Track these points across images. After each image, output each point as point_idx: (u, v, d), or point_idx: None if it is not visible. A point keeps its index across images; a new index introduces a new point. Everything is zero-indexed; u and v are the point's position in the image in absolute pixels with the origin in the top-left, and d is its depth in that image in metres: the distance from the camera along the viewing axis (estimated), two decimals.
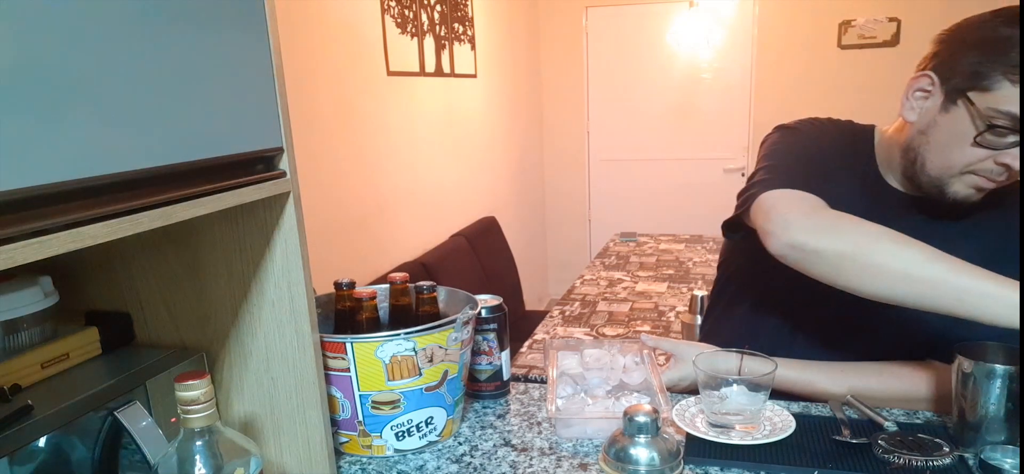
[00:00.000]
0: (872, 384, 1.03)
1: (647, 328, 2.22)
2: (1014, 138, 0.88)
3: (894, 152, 1.04)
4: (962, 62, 0.91)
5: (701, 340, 1.20)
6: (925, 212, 1.03)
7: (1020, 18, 0.86)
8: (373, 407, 0.93)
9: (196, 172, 0.62)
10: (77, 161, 0.50)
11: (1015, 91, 0.86)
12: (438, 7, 3.15)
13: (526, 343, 2.16)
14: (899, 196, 1.05)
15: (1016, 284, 0.79)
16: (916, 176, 1.00)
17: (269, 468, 0.89)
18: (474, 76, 3.60)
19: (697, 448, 0.92)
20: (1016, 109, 0.87)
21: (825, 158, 1.07)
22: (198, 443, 0.63)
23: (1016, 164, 0.89)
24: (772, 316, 1.15)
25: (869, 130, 1.11)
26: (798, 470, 0.86)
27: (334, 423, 0.94)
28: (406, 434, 0.95)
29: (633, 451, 0.78)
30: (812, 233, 0.89)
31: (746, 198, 1.03)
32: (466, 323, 0.97)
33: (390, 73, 2.77)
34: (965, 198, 0.96)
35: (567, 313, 2.39)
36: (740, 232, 1.12)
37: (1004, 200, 1.01)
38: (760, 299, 1.17)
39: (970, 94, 0.90)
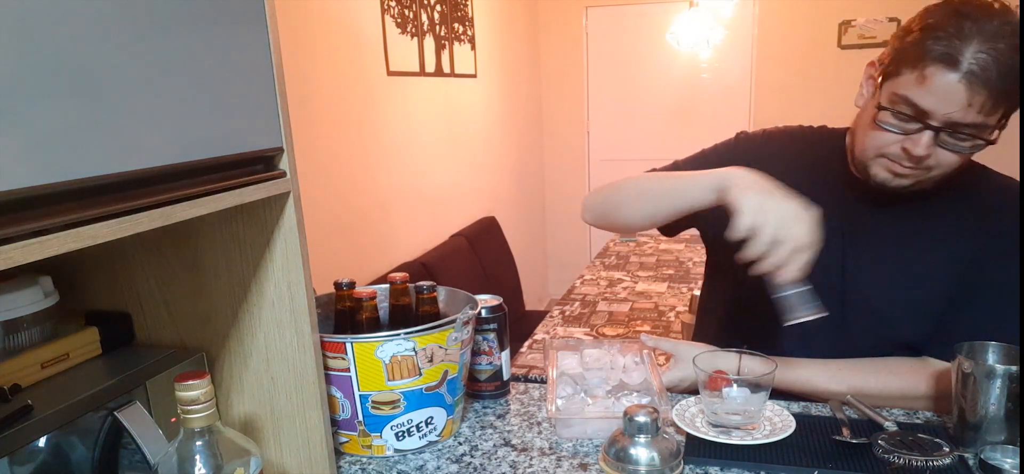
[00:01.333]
0: (871, 382, 1.03)
1: (647, 328, 2.22)
2: (916, 125, 0.90)
3: None
4: (892, 49, 0.94)
5: (694, 339, 1.21)
6: (891, 207, 1.03)
7: (1020, 21, 0.86)
8: (373, 407, 0.93)
9: (196, 172, 0.62)
10: (77, 161, 0.50)
11: (911, 76, 0.88)
12: (438, 7, 3.15)
13: (526, 343, 2.16)
14: (868, 192, 1.04)
15: (721, 169, 0.93)
16: (853, 161, 1.03)
17: (269, 468, 0.89)
18: (474, 76, 3.60)
19: (697, 448, 0.92)
20: (910, 94, 0.88)
21: (767, 166, 1.08)
22: (198, 443, 0.63)
23: (915, 150, 0.90)
24: (720, 303, 1.20)
25: (842, 132, 1.12)
26: (798, 470, 0.86)
27: (334, 423, 0.94)
28: (406, 434, 0.95)
29: (633, 451, 0.78)
30: (588, 199, 1.19)
31: None
32: (466, 323, 0.97)
33: (390, 73, 2.77)
34: (883, 182, 0.97)
35: (567, 313, 2.39)
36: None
37: (988, 204, 1.01)
38: (712, 288, 1.24)
39: (884, 80, 0.93)
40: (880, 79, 0.95)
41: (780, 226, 0.84)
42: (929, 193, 0.99)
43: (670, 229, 1.18)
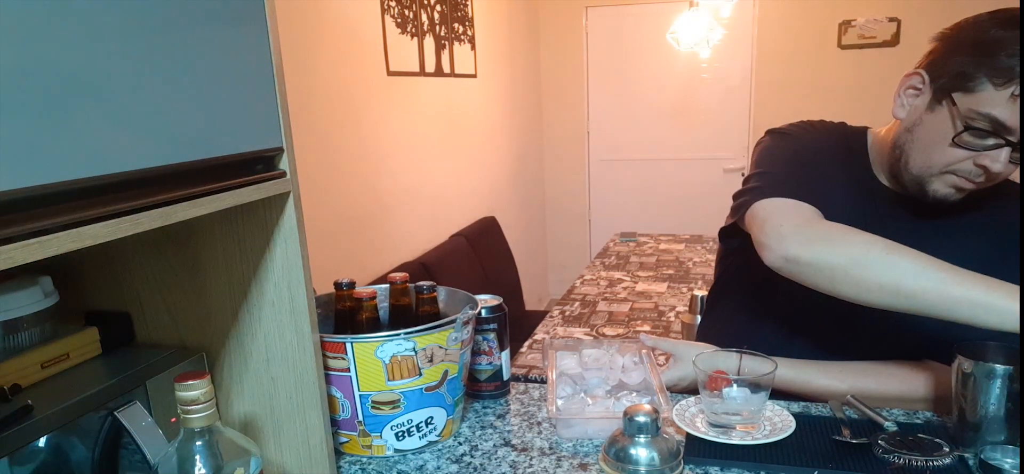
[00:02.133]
0: (871, 384, 1.03)
1: (647, 328, 2.22)
2: (994, 141, 0.89)
3: (885, 151, 1.04)
4: (951, 62, 0.92)
5: (700, 341, 1.20)
6: (917, 212, 1.03)
7: (1021, 19, 0.86)
8: (373, 407, 0.93)
9: (196, 172, 0.62)
10: (77, 161, 0.50)
11: (997, 94, 0.87)
12: (438, 7, 3.15)
13: (526, 343, 2.16)
14: (891, 195, 1.05)
15: (1008, 287, 0.80)
16: (900, 173, 1.01)
17: (269, 468, 0.89)
18: (474, 76, 3.60)
19: (697, 448, 0.92)
20: (996, 112, 0.87)
21: (817, 162, 1.08)
22: (198, 443, 0.63)
23: (994, 167, 0.90)
24: (769, 317, 1.15)
25: (862, 131, 1.11)
26: (798, 470, 0.86)
27: (334, 423, 0.94)
28: (406, 434, 0.95)
29: (633, 451, 0.78)
30: (805, 246, 0.91)
31: (740, 204, 1.04)
32: (466, 323, 0.97)
33: (390, 73, 2.77)
34: (944, 197, 0.96)
35: (567, 313, 2.39)
36: (737, 238, 1.12)
37: (999, 199, 1.01)
38: (757, 301, 1.18)
39: (954, 95, 0.91)
40: (947, 95, 0.92)
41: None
42: (964, 201, 0.99)
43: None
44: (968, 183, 0.94)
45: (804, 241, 0.91)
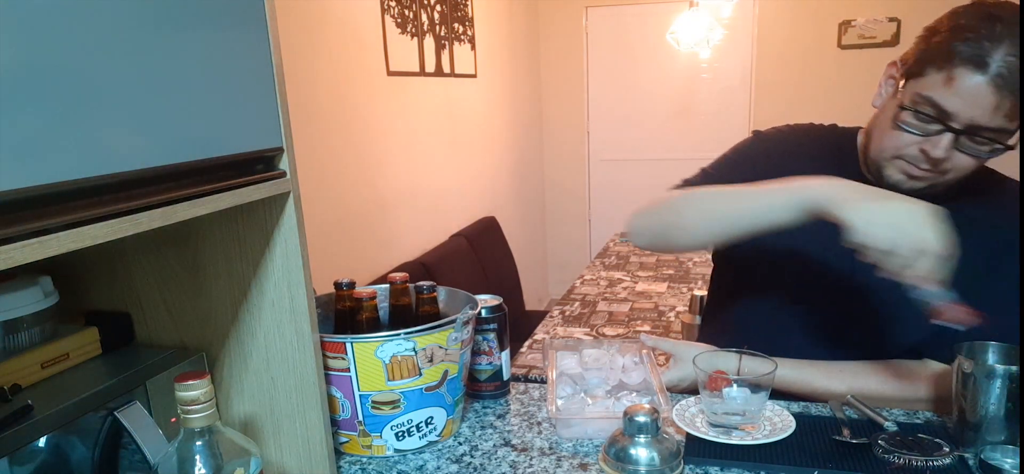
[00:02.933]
0: (871, 384, 1.03)
1: (647, 328, 2.22)
2: (936, 127, 0.89)
3: None
4: (916, 50, 0.93)
5: (699, 339, 1.21)
6: None
7: (1021, 17, 0.85)
8: (373, 407, 0.93)
9: (196, 172, 0.62)
10: (77, 161, 0.50)
11: (937, 77, 0.87)
12: (438, 7, 3.15)
13: (526, 343, 2.16)
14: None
15: (805, 179, 0.88)
16: (866, 161, 1.02)
17: (269, 468, 0.89)
18: (474, 76, 3.60)
19: (697, 448, 0.92)
20: (935, 95, 0.87)
21: (784, 163, 1.08)
22: (198, 443, 0.63)
23: (934, 152, 0.90)
24: (764, 314, 1.15)
25: (853, 132, 1.11)
26: (798, 470, 0.86)
27: (334, 423, 0.94)
28: (406, 434, 0.95)
29: (633, 451, 0.78)
30: (636, 220, 1.08)
31: None
32: (466, 323, 0.97)
33: (390, 73, 2.77)
34: (896, 183, 0.97)
35: (567, 313, 2.39)
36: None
37: (988, 196, 1.01)
38: (744, 295, 1.19)
39: (908, 80, 0.92)
40: (903, 79, 0.94)
41: (912, 234, 0.77)
42: (938, 197, 0.99)
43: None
44: (916, 169, 0.94)
45: (636, 218, 1.09)
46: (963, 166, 0.91)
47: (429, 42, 3.08)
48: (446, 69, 3.25)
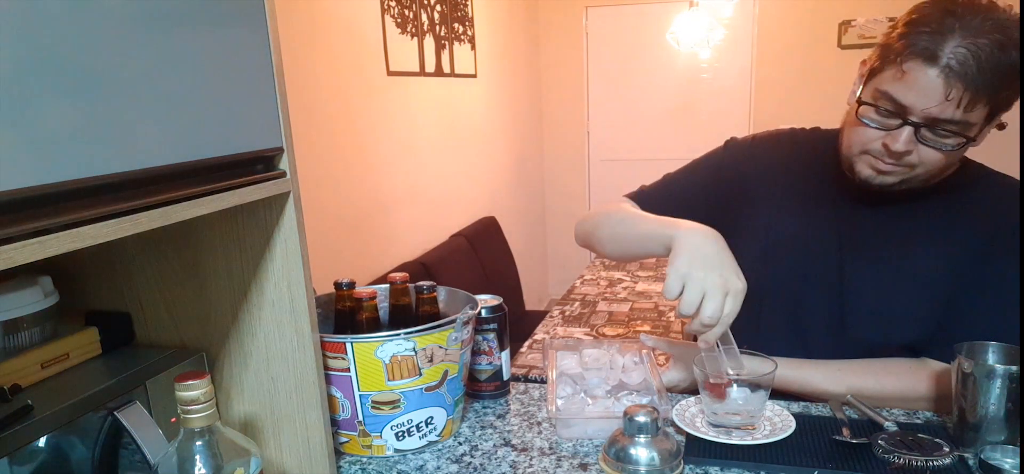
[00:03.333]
0: (870, 383, 1.03)
1: (647, 328, 2.22)
2: (896, 120, 0.90)
3: None
4: (878, 46, 0.94)
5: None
6: (881, 206, 1.03)
7: (1021, 19, 0.86)
8: (373, 407, 0.93)
9: (196, 172, 0.62)
10: (77, 161, 0.50)
11: (892, 72, 0.88)
12: (438, 7, 3.15)
13: (526, 343, 2.16)
14: (857, 194, 1.04)
15: (673, 223, 0.97)
16: (840, 160, 1.03)
17: (269, 468, 0.89)
18: (474, 76, 3.60)
19: (697, 448, 0.92)
20: (891, 89, 0.89)
21: (759, 172, 1.15)
22: (198, 443, 0.63)
23: (894, 146, 0.91)
24: (756, 311, 1.16)
25: (834, 133, 1.11)
26: (798, 470, 0.86)
27: (334, 423, 0.94)
28: (406, 434, 0.95)
29: (633, 451, 0.78)
30: (578, 226, 1.25)
31: None
32: (466, 323, 0.97)
33: (390, 73, 2.77)
34: (867, 178, 0.98)
35: (567, 313, 2.39)
36: None
37: (971, 191, 1.01)
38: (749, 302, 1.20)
39: (871, 76, 0.93)
40: (866, 76, 0.95)
41: (703, 294, 0.86)
42: (928, 193, 0.99)
43: None
44: (881, 164, 0.95)
45: (579, 224, 1.24)
46: (931, 160, 0.92)
47: (429, 42, 3.08)
48: (446, 69, 3.25)
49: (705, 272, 0.87)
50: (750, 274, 0.90)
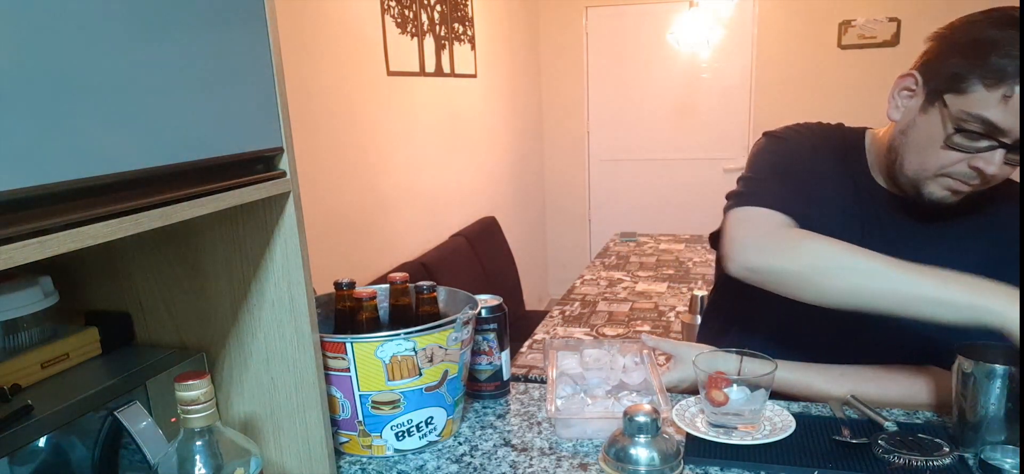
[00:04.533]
0: (871, 388, 1.02)
1: (647, 328, 2.22)
2: (987, 143, 0.88)
3: (882, 152, 1.04)
4: (944, 63, 0.91)
5: (699, 339, 1.20)
6: (915, 214, 1.03)
7: (1020, 20, 0.85)
8: (373, 407, 0.93)
9: (196, 172, 0.62)
10: (77, 161, 0.50)
11: (989, 95, 0.86)
12: (438, 7, 3.15)
13: (526, 343, 2.16)
14: (889, 197, 1.05)
15: (965, 280, 0.82)
16: (896, 176, 1.00)
17: (269, 468, 0.89)
18: (474, 76, 3.60)
19: (697, 448, 0.92)
20: (988, 113, 0.87)
21: (812, 165, 1.08)
22: (198, 443, 0.63)
23: (988, 169, 0.89)
24: (764, 321, 1.14)
25: (860, 133, 1.11)
26: (798, 470, 0.86)
27: (334, 423, 0.94)
28: (406, 434, 0.95)
29: (633, 451, 0.78)
30: (764, 256, 0.95)
31: (725, 209, 1.05)
32: (466, 323, 0.97)
33: (390, 73, 2.77)
34: (940, 200, 0.96)
35: (567, 313, 2.39)
36: None
37: (999, 200, 1.01)
38: (752, 305, 1.17)
39: (946, 96, 0.90)
40: (933, 95, 0.92)
41: None
42: (961, 202, 0.98)
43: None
44: (963, 186, 0.93)
45: (762, 251, 0.95)
46: (1001, 176, 0.91)
47: (429, 42, 3.08)
48: (446, 69, 3.25)
49: None
50: None
